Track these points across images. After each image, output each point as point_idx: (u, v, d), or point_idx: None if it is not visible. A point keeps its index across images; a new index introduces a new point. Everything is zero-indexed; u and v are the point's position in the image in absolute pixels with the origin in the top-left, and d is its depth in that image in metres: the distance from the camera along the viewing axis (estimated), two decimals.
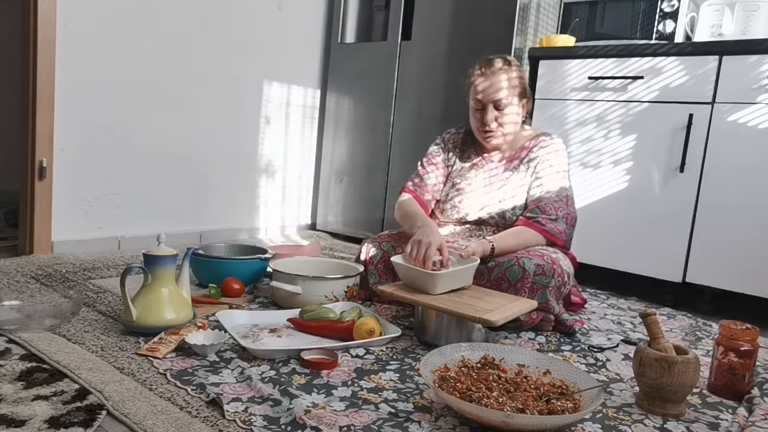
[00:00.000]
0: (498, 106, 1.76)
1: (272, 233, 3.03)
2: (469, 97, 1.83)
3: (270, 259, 1.87)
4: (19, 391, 1.07)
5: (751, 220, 1.99)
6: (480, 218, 1.84)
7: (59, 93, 2.12)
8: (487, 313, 1.35)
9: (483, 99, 1.76)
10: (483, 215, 1.84)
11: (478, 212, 1.84)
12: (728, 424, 1.15)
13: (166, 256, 1.41)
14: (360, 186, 3.01)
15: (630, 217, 2.22)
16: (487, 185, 1.85)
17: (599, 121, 2.28)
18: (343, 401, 1.12)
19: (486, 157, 1.89)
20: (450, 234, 1.88)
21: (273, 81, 2.89)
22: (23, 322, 1.37)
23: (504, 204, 1.81)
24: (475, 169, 1.89)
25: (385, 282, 1.75)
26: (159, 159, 2.48)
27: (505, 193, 1.82)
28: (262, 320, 1.53)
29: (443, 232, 1.88)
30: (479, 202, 1.84)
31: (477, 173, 1.88)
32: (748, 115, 1.99)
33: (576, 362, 1.44)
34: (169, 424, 0.99)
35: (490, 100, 1.75)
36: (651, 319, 1.20)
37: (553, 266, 1.59)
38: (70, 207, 2.22)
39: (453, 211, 1.88)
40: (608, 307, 2.03)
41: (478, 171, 1.88)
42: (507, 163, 1.85)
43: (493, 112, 1.76)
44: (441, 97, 2.69)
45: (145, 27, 2.34)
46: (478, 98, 1.77)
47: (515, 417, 0.99)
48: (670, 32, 2.26)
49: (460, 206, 1.86)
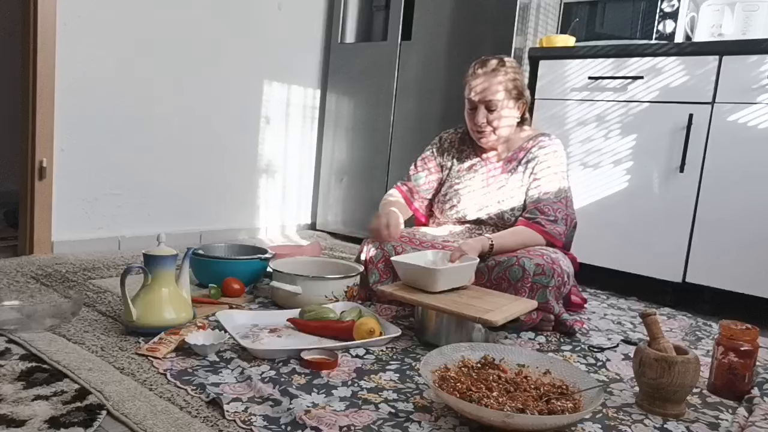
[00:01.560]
0: (490, 107, 1.77)
1: (272, 233, 3.03)
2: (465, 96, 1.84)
3: (270, 259, 1.87)
4: (19, 391, 1.07)
5: (751, 220, 1.98)
6: (479, 218, 1.85)
7: (59, 93, 2.12)
8: (487, 313, 1.35)
9: (475, 99, 1.78)
10: (482, 215, 1.84)
11: (476, 212, 1.85)
12: (728, 424, 1.15)
13: (166, 256, 1.41)
14: (360, 186, 3.01)
15: (630, 217, 2.22)
16: (485, 186, 1.85)
17: (599, 121, 2.28)
18: (343, 401, 1.12)
19: (484, 157, 1.89)
20: (449, 234, 1.88)
21: (273, 81, 2.90)
22: (23, 322, 1.37)
23: (503, 205, 1.82)
24: (474, 169, 1.89)
25: (385, 281, 1.76)
26: (159, 159, 2.48)
27: (504, 194, 1.82)
28: (262, 320, 1.53)
29: (442, 232, 1.89)
30: (478, 202, 1.85)
31: (475, 174, 1.88)
32: (748, 115, 1.99)
33: (576, 362, 1.44)
34: (169, 424, 0.99)
35: (482, 100, 1.77)
36: (651, 319, 1.20)
37: (553, 266, 1.59)
38: (70, 207, 2.22)
39: (452, 211, 1.88)
40: (608, 307, 2.03)
41: (477, 171, 1.88)
42: (505, 164, 1.86)
43: (484, 113, 1.77)
44: (441, 97, 2.69)
45: (145, 27, 2.34)
46: (470, 98, 1.79)
47: (515, 417, 0.99)
48: (670, 32, 2.26)
49: (459, 206, 1.87)
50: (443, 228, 1.92)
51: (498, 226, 1.83)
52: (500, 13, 2.46)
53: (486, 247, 1.63)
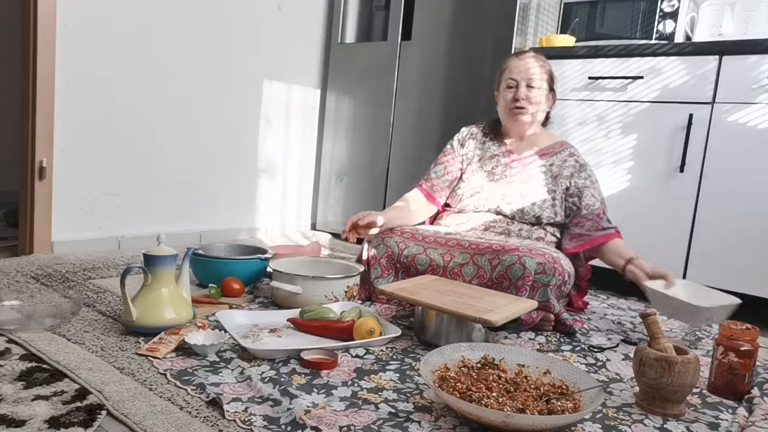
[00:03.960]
0: (531, 84, 1.86)
1: (272, 233, 3.03)
2: (499, 85, 1.93)
3: (270, 259, 1.87)
4: (19, 391, 1.07)
5: (751, 220, 1.99)
6: (499, 207, 1.88)
7: (59, 93, 2.12)
8: (487, 313, 1.35)
9: (517, 77, 1.87)
10: (502, 205, 1.88)
11: (498, 201, 1.89)
12: (728, 424, 1.15)
13: (166, 256, 1.41)
14: (360, 186, 3.01)
15: (630, 217, 2.22)
16: (508, 177, 1.90)
17: (599, 121, 2.28)
18: (343, 401, 1.12)
19: (507, 150, 1.94)
20: (459, 223, 1.92)
21: (273, 81, 2.90)
22: (23, 322, 1.37)
23: (525, 199, 1.86)
24: (497, 160, 1.94)
25: (387, 277, 1.77)
26: (159, 159, 2.48)
27: (527, 188, 1.87)
28: (262, 320, 1.53)
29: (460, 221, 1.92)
30: (500, 191, 1.89)
31: (498, 165, 1.93)
32: (748, 115, 1.99)
33: (576, 362, 1.44)
34: (169, 424, 0.99)
35: (523, 78, 1.86)
36: (651, 319, 1.20)
37: (554, 265, 1.59)
38: (70, 207, 2.22)
39: (472, 198, 1.93)
40: (608, 307, 2.03)
41: (500, 163, 1.93)
42: (529, 159, 1.90)
43: (525, 90, 1.86)
44: (441, 97, 2.69)
45: (145, 27, 2.34)
46: (512, 77, 1.88)
47: (515, 417, 0.99)
48: (670, 32, 2.26)
49: (481, 193, 1.92)
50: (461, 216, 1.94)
51: (516, 218, 1.86)
52: (500, 13, 2.46)
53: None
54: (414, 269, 1.74)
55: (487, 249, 1.67)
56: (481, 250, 1.68)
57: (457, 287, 1.56)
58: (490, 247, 1.67)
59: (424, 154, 2.67)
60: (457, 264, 1.69)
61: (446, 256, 1.71)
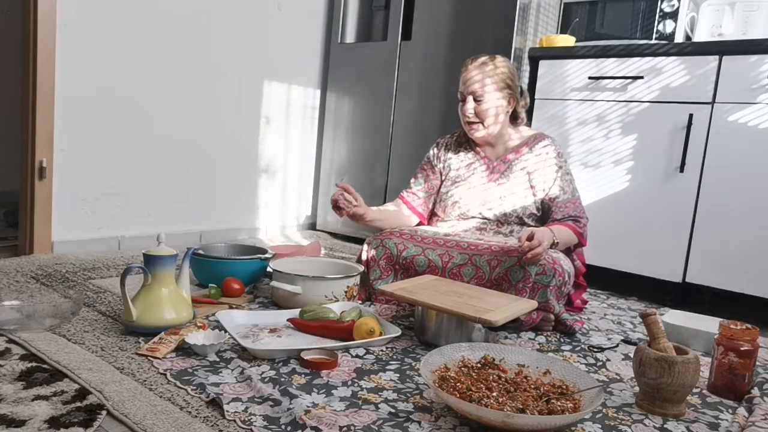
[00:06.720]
0: (477, 98, 1.81)
1: (272, 233, 3.03)
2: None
3: (270, 259, 1.87)
4: (19, 391, 1.07)
5: (751, 220, 1.99)
6: (481, 214, 1.87)
7: (59, 93, 2.12)
8: (487, 313, 1.35)
9: (463, 90, 1.83)
10: (484, 211, 1.87)
11: (478, 208, 1.88)
12: (728, 424, 1.15)
13: (166, 256, 1.41)
14: (360, 186, 3.00)
15: (630, 217, 2.22)
16: (485, 182, 1.88)
17: (599, 121, 2.28)
18: (343, 401, 1.12)
19: (482, 155, 1.92)
20: (450, 227, 1.91)
21: (273, 81, 2.90)
22: (23, 322, 1.37)
23: (504, 201, 1.85)
24: (473, 167, 1.93)
25: (386, 278, 1.76)
26: (159, 159, 2.48)
27: (505, 190, 1.85)
28: (262, 320, 1.53)
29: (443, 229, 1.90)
30: (479, 198, 1.87)
31: (474, 171, 1.92)
32: (748, 115, 1.99)
33: (576, 362, 1.44)
34: (169, 424, 0.99)
35: (468, 91, 1.82)
36: (651, 319, 1.20)
37: (554, 266, 1.59)
38: (70, 207, 2.22)
39: (454, 208, 1.91)
40: (608, 307, 2.03)
41: (476, 169, 1.92)
42: (503, 161, 1.88)
43: (472, 104, 1.82)
44: (441, 97, 2.69)
45: (144, 27, 2.34)
46: (460, 90, 1.85)
47: (515, 417, 0.99)
48: (670, 32, 2.26)
49: (461, 203, 1.90)
50: (447, 224, 1.93)
51: (500, 221, 1.86)
52: (500, 13, 2.46)
53: (551, 240, 1.64)
54: (413, 270, 1.74)
55: (486, 250, 1.68)
56: (480, 251, 1.68)
57: (456, 287, 1.56)
58: (489, 248, 1.68)
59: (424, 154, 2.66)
60: (455, 265, 1.69)
61: (445, 257, 1.71)
